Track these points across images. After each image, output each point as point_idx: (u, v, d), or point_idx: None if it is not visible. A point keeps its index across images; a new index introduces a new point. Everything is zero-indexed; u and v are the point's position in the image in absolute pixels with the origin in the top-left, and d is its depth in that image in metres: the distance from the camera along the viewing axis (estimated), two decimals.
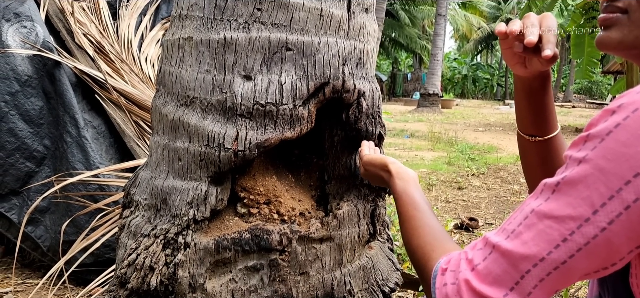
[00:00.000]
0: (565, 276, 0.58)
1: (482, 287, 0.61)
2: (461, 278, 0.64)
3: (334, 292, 1.30)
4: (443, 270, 0.69)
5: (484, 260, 0.63)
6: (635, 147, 0.52)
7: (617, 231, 0.54)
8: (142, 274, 1.19)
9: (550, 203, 0.58)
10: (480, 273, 0.62)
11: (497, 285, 0.60)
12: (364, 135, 1.32)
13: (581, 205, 0.55)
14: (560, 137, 0.98)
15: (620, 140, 0.53)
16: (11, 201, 2.38)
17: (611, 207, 0.54)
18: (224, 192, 1.22)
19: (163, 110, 1.28)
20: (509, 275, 0.60)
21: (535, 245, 0.58)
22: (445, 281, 0.67)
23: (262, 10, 1.18)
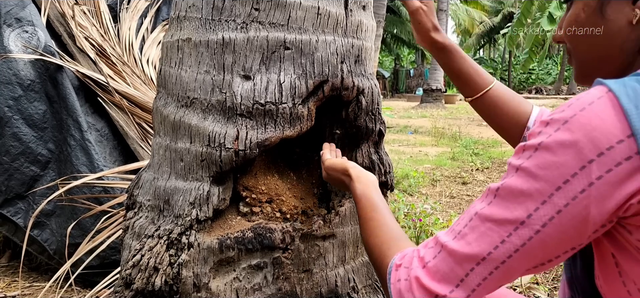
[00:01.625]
0: (506, 273, 0.63)
1: (431, 283, 0.66)
2: (412, 275, 0.69)
3: (337, 289, 1.31)
4: (397, 266, 0.74)
5: (433, 258, 0.68)
6: (564, 156, 0.58)
7: (550, 233, 0.60)
8: (147, 275, 1.20)
9: (491, 208, 0.64)
10: (430, 271, 0.68)
11: (445, 282, 0.66)
12: (363, 132, 1.32)
13: (517, 209, 0.61)
14: (497, 92, 1.11)
15: (551, 150, 0.59)
16: (17, 205, 2.40)
17: (544, 211, 0.59)
18: (226, 192, 1.22)
19: (164, 111, 1.29)
20: (455, 273, 0.65)
21: (477, 245, 0.63)
22: (399, 277, 0.72)
23: (259, 10, 1.19)
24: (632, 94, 0.58)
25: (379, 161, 1.37)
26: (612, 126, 0.57)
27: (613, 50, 0.74)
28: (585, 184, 0.58)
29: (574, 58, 0.81)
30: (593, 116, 0.58)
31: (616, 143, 0.57)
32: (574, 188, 0.58)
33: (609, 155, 0.57)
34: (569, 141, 0.58)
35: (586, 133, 0.58)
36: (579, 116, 0.59)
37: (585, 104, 0.59)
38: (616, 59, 0.74)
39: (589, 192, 0.58)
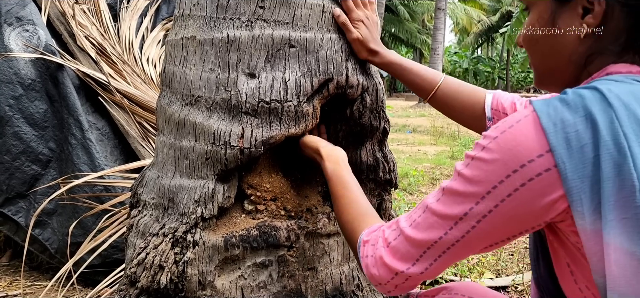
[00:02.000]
0: (453, 255, 0.76)
1: (392, 261, 0.80)
2: (377, 254, 0.83)
3: (342, 287, 1.31)
4: (364, 242, 0.87)
5: (394, 240, 0.81)
6: (493, 166, 0.67)
7: (484, 228, 0.71)
8: (152, 273, 1.20)
9: (438, 204, 0.75)
10: (391, 251, 0.81)
11: (403, 260, 0.79)
12: (368, 130, 1.33)
13: (457, 208, 0.72)
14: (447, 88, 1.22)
15: (483, 160, 0.69)
16: (18, 204, 2.40)
17: (477, 210, 0.70)
18: (230, 190, 1.22)
19: (168, 110, 1.28)
20: (411, 254, 0.78)
21: (427, 234, 0.76)
22: (366, 253, 0.85)
23: (264, 8, 1.19)
24: (552, 113, 0.65)
25: (383, 159, 1.37)
26: (533, 142, 0.65)
27: (563, 61, 0.79)
28: (511, 190, 0.67)
29: (531, 64, 0.87)
30: (518, 133, 0.66)
31: (536, 157, 0.65)
32: (501, 193, 0.67)
33: (529, 167, 0.65)
34: (498, 153, 0.67)
35: (511, 147, 0.66)
36: (507, 133, 0.67)
37: (513, 122, 0.68)
38: (565, 70, 0.80)
39: (514, 196, 0.67)
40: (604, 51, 0.75)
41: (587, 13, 0.75)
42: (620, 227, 0.61)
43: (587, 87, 0.67)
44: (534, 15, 0.83)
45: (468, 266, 2.42)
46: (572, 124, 0.63)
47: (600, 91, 0.65)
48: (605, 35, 0.74)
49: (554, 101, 0.66)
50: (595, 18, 0.73)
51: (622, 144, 0.61)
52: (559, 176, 0.64)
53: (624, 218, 0.61)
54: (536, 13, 0.82)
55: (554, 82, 0.83)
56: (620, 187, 0.61)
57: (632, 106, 0.63)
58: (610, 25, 0.73)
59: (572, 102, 0.65)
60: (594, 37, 0.75)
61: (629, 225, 0.61)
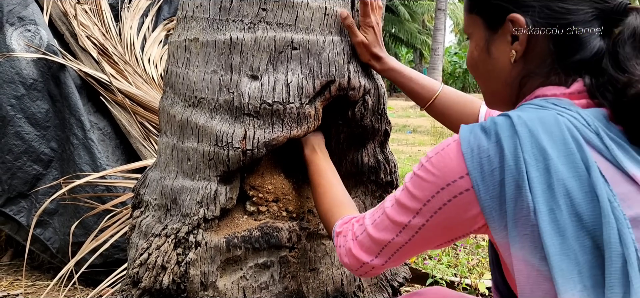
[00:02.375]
0: (408, 252, 0.86)
1: (359, 253, 0.90)
2: (347, 245, 0.93)
3: (343, 288, 1.32)
4: (337, 233, 0.99)
5: (360, 235, 0.91)
6: (427, 183, 0.76)
7: (425, 234, 0.80)
8: (154, 273, 1.20)
9: (391, 210, 0.84)
10: (358, 244, 0.91)
11: (368, 253, 0.89)
12: (369, 131, 1.33)
13: (402, 216, 0.82)
14: (444, 98, 1.26)
15: (420, 178, 0.77)
16: (19, 204, 2.40)
17: (417, 220, 0.80)
18: (233, 191, 1.23)
19: (171, 111, 1.29)
20: (372, 249, 0.88)
21: (383, 234, 0.85)
22: (340, 243, 0.96)
23: (267, 10, 1.19)
24: (472, 140, 0.72)
25: (384, 161, 1.38)
26: (456, 165, 0.73)
27: (500, 84, 0.87)
28: (441, 204, 0.76)
29: (479, 87, 0.94)
30: (446, 156, 0.75)
31: (458, 178, 0.73)
32: (433, 207, 0.77)
33: (454, 185, 0.73)
34: (430, 173, 0.76)
35: (440, 168, 0.75)
36: (438, 155, 0.76)
37: (445, 145, 0.76)
38: (505, 92, 0.87)
39: (443, 210, 0.76)
40: (534, 74, 0.81)
41: (515, 40, 0.81)
42: (521, 242, 0.68)
43: (504, 114, 0.74)
44: (473, 43, 0.90)
45: (468, 267, 2.43)
46: (485, 150, 0.71)
47: (511, 119, 0.71)
48: (532, 60, 0.81)
49: (476, 128, 0.73)
50: (521, 45, 0.80)
51: (521, 168, 0.67)
52: (475, 196, 0.72)
53: (524, 234, 0.68)
54: (474, 41, 0.90)
55: (499, 103, 0.91)
56: (520, 207, 0.68)
57: (536, 133, 0.69)
58: (536, 51, 0.80)
59: (488, 129, 0.72)
60: (524, 61, 0.82)
61: (528, 240, 0.68)
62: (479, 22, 0.88)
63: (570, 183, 0.65)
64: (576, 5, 0.76)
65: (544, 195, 0.66)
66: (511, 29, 0.81)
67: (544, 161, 0.67)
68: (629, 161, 0.67)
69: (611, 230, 0.63)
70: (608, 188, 0.65)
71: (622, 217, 0.63)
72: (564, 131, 0.68)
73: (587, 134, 0.69)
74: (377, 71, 1.30)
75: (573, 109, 0.72)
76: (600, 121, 0.71)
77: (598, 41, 0.77)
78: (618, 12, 0.76)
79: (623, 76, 0.70)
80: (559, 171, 0.66)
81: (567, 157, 0.67)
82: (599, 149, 0.68)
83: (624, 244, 0.62)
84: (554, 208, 0.66)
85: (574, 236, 0.65)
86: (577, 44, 0.77)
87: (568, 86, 0.77)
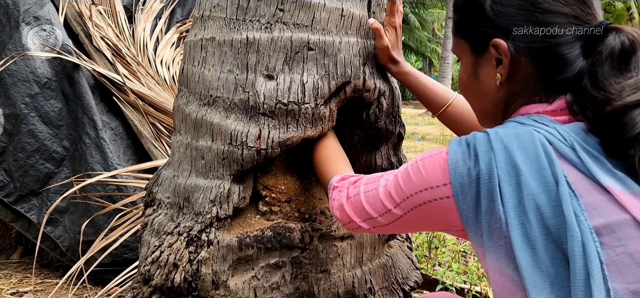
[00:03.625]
0: (391, 231, 0.92)
1: (349, 211, 0.96)
2: (341, 200, 0.99)
3: (354, 290, 1.31)
4: (334, 187, 1.05)
5: (354, 197, 0.96)
6: (414, 179, 0.81)
7: (403, 223, 0.86)
8: (166, 271, 1.20)
9: (382, 189, 0.89)
10: (350, 203, 0.96)
11: (357, 215, 0.95)
12: (383, 134, 1.33)
13: (387, 201, 0.87)
14: (457, 106, 1.27)
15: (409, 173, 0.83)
16: (31, 201, 2.42)
17: (398, 210, 0.85)
18: (246, 190, 1.23)
19: (185, 109, 1.29)
20: (361, 214, 0.94)
21: (370, 209, 0.91)
22: (334, 197, 1.03)
23: (284, 10, 1.19)
24: (458, 152, 0.76)
25: (397, 163, 1.37)
26: (440, 172, 0.78)
27: (488, 105, 0.90)
28: (421, 202, 0.81)
29: (471, 106, 0.99)
30: (433, 162, 0.79)
31: (442, 185, 0.77)
32: (414, 202, 0.82)
33: (436, 190, 0.78)
34: (418, 173, 0.81)
35: (426, 171, 0.80)
36: (427, 159, 0.81)
37: (434, 153, 0.81)
38: (493, 112, 0.91)
39: (423, 207, 0.81)
40: (519, 95, 0.84)
41: (500, 63, 0.84)
42: (496, 252, 0.72)
43: (486, 131, 0.77)
44: (462, 65, 0.94)
45: (478, 274, 2.41)
46: (466, 163, 0.75)
47: (488, 135, 0.75)
48: (517, 82, 0.84)
49: (463, 141, 0.78)
50: (505, 69, 0.83)
51: (495, 183, 0.71)
52: (455, 204, 0.76)
53: (499, 245, 0.71)
54: (463, 63, 0.93)
55: (489, 121, 0.94)
56: (494, 220, 0.71)
57: (510, 149, 0.72)
58: (520, 73, 0.83)
59: (470, 144, 0.76)
60: (509, 84, 0.85)
61: (503, 251, 0.71)
62: (465, 46, 0.91)
63: (540, 197, 0.69)
64: (557, 29, 0.79)
65: (515, 210, 0.70)
66: (495, 54, 0.84)
67: (516, 177, 0.70)
68: (602, 172, 0.69)
69: (575, 243, 0.65)
70: (576, 201, 0.67)
71: (587, 229, 0.65)
72: (538, 146, 0.71)
73: (562, 149, 0.71)
74: (393, 74, 1.30)
75: (551, 125, 0.75)
76: (578, 135, 0.73)
77: (580, 61, 0.79)
78: (599, 32, 0.78)
79: (601, 95, 0.73)
80: (530, 186, 0.69)
81: (539, 172, 0.70)
82: (573, 163, 0.70)
83: (587, 257, 0.64)
84: (524, 222, 0.69)
85: (544, 249, 0.67)
86: (559, 65, 0.79)
87: (550, 103, 0.80)
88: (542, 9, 0.79)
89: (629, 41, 0.75)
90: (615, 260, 0.65)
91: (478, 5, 0.85)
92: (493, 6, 0.83)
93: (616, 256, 0.65)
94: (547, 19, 0.79)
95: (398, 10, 1.25)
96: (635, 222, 0.66)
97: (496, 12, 0.83)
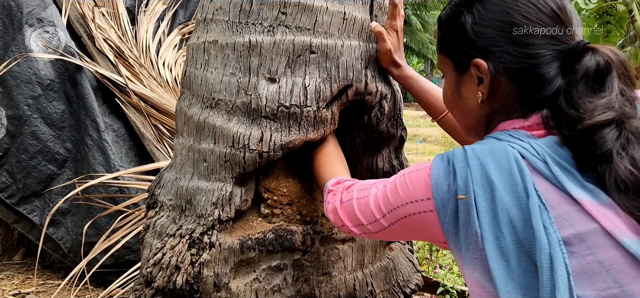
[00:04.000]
0: (380, 238, 0.95)
1: (342, 215, 0.99)
2: (335, 204, 1.01)
3: (356, 293, 1.31)
4: (329, 190, 1.07)
5: (347, 202, 0.98)
6: (401, 192, 0.84)
7: (390, 232, 0.90)
8: (168, 273, 1.21)
9: (372, 198, 0.91)
10: (343, 208, 0.99)
11: (348, 219, 0.97)
12: (385, 137, 1.33)
13: (375, 211, 0.90)
14: None
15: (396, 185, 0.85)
16: (33, 203, 2.43)
17: (381, 222, 0.89)
18: (248, 193, 1.23)
19: (188, 112, 1.30)
20: (353, 219, 0.96)
21: (361, 216, 0.93)
22: (328, 200, 1.05)
23: (286, 14, 1.20)
24: (440, 167, 0.79)
25: (399, 166, 1.38)
26: (424, 187, 0.80)
27: (471, 121, 0.93)
28: (406, 214, 0.84)
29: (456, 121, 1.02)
30: (418, 176, 0.82)
31: (425, 199, 0.80)
32: (399, 214, 0.85)
33: (420, 204, 0.81)
34: (405, 186, 0.84)
35: (412, 185, 0.83)
36: (413, 174, 0.84)
37: (419, 167, 0.84)
38: (475, 128, 0.93)
39: (407, 220, 0.84)
40: (500, 112, 0.87)
41: (481, 82, 0.86)
42: (474, 265, 0.74)
43: (464, 148, 0.80)
44: (447, 81, 0.97)
45: None
46: (446, 178, 0.78)
47: (466, 152, 0.78)
48: (497, 100, 0.86)
49: (445, 157, 0.80)
50: (485, 87, 0.85)
51: (471, 198, 0.74)
52: (437, 218, 0.78)
53: (475, 258, 0.74)
54: (448, 80, 0.96)
55: (474, 135, 0.96)
56: (471, 233, 0.74)
57: (485, 165, 0.75)
58: (500, 92, 0.85)
59: (450, 160, 0.79)
60: (490, 101, 0.87)
61: (479, 264, 0.73)
62: (449, 63, 0.94)
63: (513, 211, 0.71)
64: (536, 50, 0.81)
65: (490, 223, 0.72)
66: (476, 73, 0.86)
67: (491, 192, 0.73)
68: (573, 185, 0.71)
69: (543, 255, 0.67)
70: (546, 214, 0.69)
71: (555, 241, 0.67)
72: (511, 161, 0.74)
73: (535, 163, 0.74)
74: (395, 78, 1.30)
75: (526, 139, 0.78)
76: (551, 149, 0.75)
77: (558, 79, 0.81)
78: (576, 52, 0.80)
79: (574, 113, 0.75)
80: (504, 200, 0.72)
81: (512, 187, 0.72)
82: (545, 176, 0.73)
83: (554, 268, 0.66)
84: (498, 236, 0.71)
85: (517, 261, 0.70)
86: (538, 84, 0.81)
87: (527, 118, 0.82)
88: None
89: (603, 61, 0.77)
90: (586, 268, 0.67)
91: (460, 25, 0.88)
92: (474, 27, 0.85)
93: (587, 265, 0.67)
94: (526, 40, 0.81)
95: (399, 13, 1.26)
96: (603, 231, 0.68)
97: (477, 33, 0.85)
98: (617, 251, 0.67)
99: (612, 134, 0.72)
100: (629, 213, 0.68)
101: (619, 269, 0.66)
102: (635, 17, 8.27)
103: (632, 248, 0.66)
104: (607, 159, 0.71)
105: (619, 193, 0.69)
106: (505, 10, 0.83)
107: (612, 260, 0.67)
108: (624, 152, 0.71)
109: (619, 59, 0.78)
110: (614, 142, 0.71)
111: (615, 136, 0.72)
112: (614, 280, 0.66)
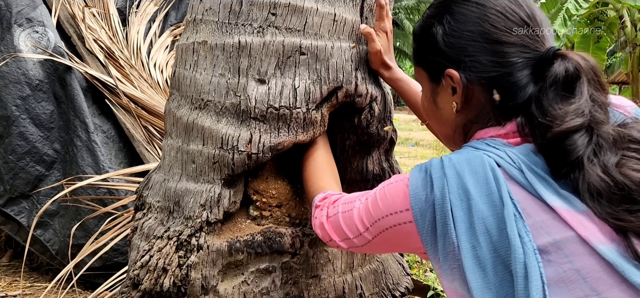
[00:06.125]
0: (367, 251, 0.98)
1: (329, 230, 0.99)
2: (321, 220, 1.01)
3: (345, 296, 1.31)
4: (316, 206, 1.07)
5: (334, 216, 0.98)
6: (380, 205, 0.85)
7: (374, 245, 0.90)
8: (155, 275, 1.19)
9: (355, 212, 0.92)
10: (329, 223, 0.99)
11: (335, 234, 0.97)
12: (375, 139, 1.33)
13: (359, 225, 0.90)
14: None
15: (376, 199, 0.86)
16: (21, 204, 2.40)
17: (365, 235, 0.90)
18: (236, 195, 1.22)
19: (177, 113, 1.29)
20: (339, 234, 0.96)
21: (346, 229, 0.94)
22: (316, 215, 1.05)
23: (276, 15, 1.19)
24: (418, 178, 0.80)
25: (389, 169, 1.37)
26: (402, 199, 0.81)
27: (449, 130, 0.94)
28: (387, 226, 0.84)
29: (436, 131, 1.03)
30: (397, 188, 0.83)
31: (404, 210, 0.80)
32: (381, 226, 0.85)
33: (399, 215, 0.82)
34: (385, 198, 0.85)
35: (391, 197, 0.83)
36: (392, 186, 0.85)
37: (398, 179, 0.84)
38: (452, 137, 0.94)
39: (389, 231, 0.84)
40: (475, 121, 0.87)
41: (455, 92, 0.87)
42: (452, 275, 0.74)
43: (441, 157, 0.80)
44: (423, 92, 0.98)
45: None
46: (423, 189, 0.78)
47: (442, 162, 0.78)
48: (472, 109, 0.87)
49: (423, 168, 0.81)
50: (459, 97, 0.86)
51: (447, 208, 0.74)
52: (416, 229, 0.79)
53: (453, 268, 0.74)
54: (424, 91, 0.97)
55: (452, 144, 0.97)
56: (448, 243, 0.74)
57: (462, 174, 0.75)
58: (473, 101, 0.86)
59: (427, 170, 0.79)
60: (465, 111, 0.88)
61: (456, 274, 0.73)
62: (424, 74, 0.95)
63: (490, 221, 0.71)
64: (507, 58, 0.81)
65: (466, 233, 0.72)
66: (450, 83, 0.87)
67: (467, 201, 0.73)
68: (548, 192, 0.71)
69: (518, 264, 0.67)
70: (522, 222, 0.69)
71: (530, 250, 0.67)
72: (487, 170, 0.74)
73: (511, 171, 0.74)
74: (385, 80, 1.30)
75: (502, 148, 0.78)
76: (526, 157, 0.76)
77: (531, 86, 0.81)
78: (546, 59, 0.80)
79: (545, 120, 0.75)
80: (480, 209, 0.72)
81: (488, 196, 0.72)
82: (521, 184, 0.73)
83: (528, 277, 0.66)
84: (475, 245, 0.71)
85: (493, 270, 0.70)
86: (510, 92, 0.81)
87: (503, 126, 0.82)
88: (491, 39, 0.82)
89: (573, 67, 0.77)
90: (563, 276, 0.67)
91: (431, 36, 0.89)
92: (445, 38, 0.86)
93: (564, 273, 0.67)
94: (496, 49, 0.81)
95: (387, 14, 1.26)
96: (579, 239, 0.67)
97: (448, 44, 0.86)
98: (593, 259, 0.66)
99: (582, 140, 0.72)
100: (603, 220, 0.68)
101: (595, 277, 0.66)
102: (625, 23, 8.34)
103: (608, 255, 0.66)
104: (579, 166, 0.71)
105: (593, 200, 0.69)
106: (474, 20, 0.83)
107: (589, 268, 0.66)
108: (596, 158, 0.71)
109: (588, 64, 0.78)
110: (584, 148, 0.71)
111: (585, 142, 0.72)
112: (590, 288, 0.65)
